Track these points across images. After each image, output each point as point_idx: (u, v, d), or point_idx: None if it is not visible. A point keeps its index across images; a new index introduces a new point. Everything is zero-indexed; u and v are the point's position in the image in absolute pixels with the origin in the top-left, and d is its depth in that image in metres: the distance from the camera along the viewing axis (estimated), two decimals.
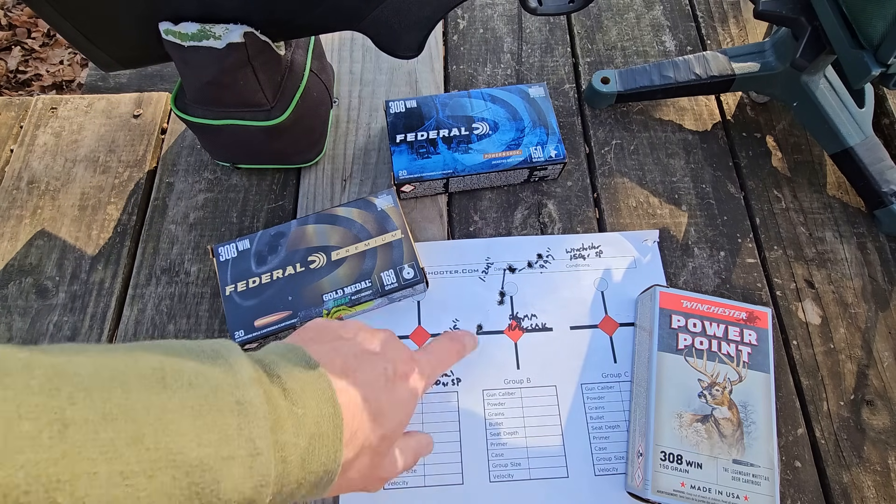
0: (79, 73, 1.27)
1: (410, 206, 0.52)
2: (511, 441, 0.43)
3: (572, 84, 0.60)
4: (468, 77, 0.61)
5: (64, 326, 0.47)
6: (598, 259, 0.50)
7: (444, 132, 0.51)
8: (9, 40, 1.31)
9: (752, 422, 0.39)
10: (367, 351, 0.31)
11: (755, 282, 0.49)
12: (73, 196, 0.53)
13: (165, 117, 0.58)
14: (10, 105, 0.58)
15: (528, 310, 0.47)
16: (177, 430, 0.20)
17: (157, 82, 0.62)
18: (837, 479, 0.42)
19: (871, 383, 0.46)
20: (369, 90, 0.59)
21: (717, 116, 0.58)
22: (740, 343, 0.41)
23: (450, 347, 0.39)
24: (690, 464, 0.38)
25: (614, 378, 0.45)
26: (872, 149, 0.50)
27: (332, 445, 0.25)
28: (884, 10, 0.39)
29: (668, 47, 0.63)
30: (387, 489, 0.41)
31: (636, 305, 0.47)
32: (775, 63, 0.52)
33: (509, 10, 0.65)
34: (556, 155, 0.50)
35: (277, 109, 0.45)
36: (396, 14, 0.39)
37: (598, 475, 0.42)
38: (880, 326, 0.48)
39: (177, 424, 0.20)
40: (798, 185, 0.54)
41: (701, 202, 0.53)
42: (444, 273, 0.49)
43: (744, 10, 0.65)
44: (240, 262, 0.45)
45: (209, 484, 0.20)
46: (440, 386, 0.45)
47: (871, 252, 0.51)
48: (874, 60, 0.41)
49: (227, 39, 0.38)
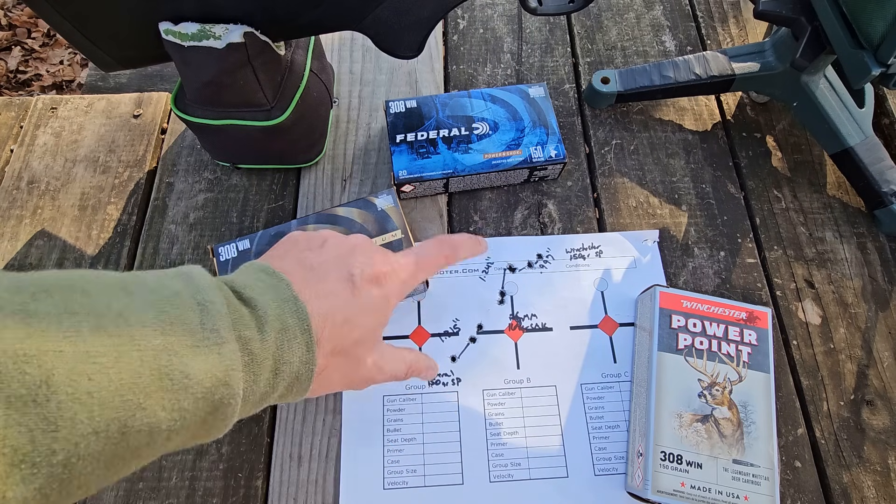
0: (79, 73, 1.27)
1: (410, 206, 0.52)
2: (511, 441, 0.43)
3: (572, 84, 0.60)
4: (468, 77, 0.61)
5: None
6: (598, 259, 0.50)
7: (444, 132, 0.51)
8: (9, 40, 1.31)
9: (752, 422, 0.39)
10: (334, 258, 0.30)
11: (755, 282, 0.49)
12: (73, 196, 0.53)
13: (165, 117, 0.58)
14: (10, 105, 0.58)
15: (528, 310, 0.47)
16: (139, 322, 0.20)
17: (157, 82, 0.62)
18: (837, 479, 0.42)
19: (871, 383, 0.46)
20: (369, 90, 0.59)
21: (717, 116, 0.58)
22: (740, 343, 0.41)
23: (437, 251, 0.35)
24: (690, 464, 0.38)
25: (614, 378, 0.45)
26: (872, 149, 0.50)
27: (302, 337, 0.26)
28: (884, 10, 0.39)
29: (668, 47, 0.63)
30: (387, 489, 0.41)
31: (636, 305, 0.47)
32: (775, 63, 0.52)
33: (509, 10, 0.65)
34: (556, 155, 0.50)
35: (277, 109, 0.45)
36: (396, 14, 0.39)
37: (597, 475, 0.42)
38: (880, 326, 0.48)
39: (139, 318, 0.20)
40: (798, 185, 0.54)
41: (701, 202, 0.53)
42: (444, 273, 0.49)
43: (744, 10, 0.65)
44: (240, 262, 0.45)
45: (177, 366, 0.20)
46: (440, 386, 0.45)
47: (871, 252, 0.51)
48: (874, 60, 0.41)
49: (227, 39, 0.38)
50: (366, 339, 0.30)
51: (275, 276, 0.27)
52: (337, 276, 0.29)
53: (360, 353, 0.30)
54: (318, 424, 0.44)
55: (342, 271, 0.30)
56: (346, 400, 0.44)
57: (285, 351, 0.25)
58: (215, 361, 0.22)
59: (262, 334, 0.24)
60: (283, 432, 0.43)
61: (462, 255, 0.36)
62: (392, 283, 0.31)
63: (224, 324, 0.23)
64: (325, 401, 0.44)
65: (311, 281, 0.28)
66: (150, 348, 0.20)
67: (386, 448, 0.42)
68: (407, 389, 0.44)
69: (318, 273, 0.29)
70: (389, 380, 0.34)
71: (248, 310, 0.25)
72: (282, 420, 0.44)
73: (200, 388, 0.21)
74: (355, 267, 0.30)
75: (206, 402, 0.22)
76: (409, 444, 0.43)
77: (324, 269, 0.30)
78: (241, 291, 0.26)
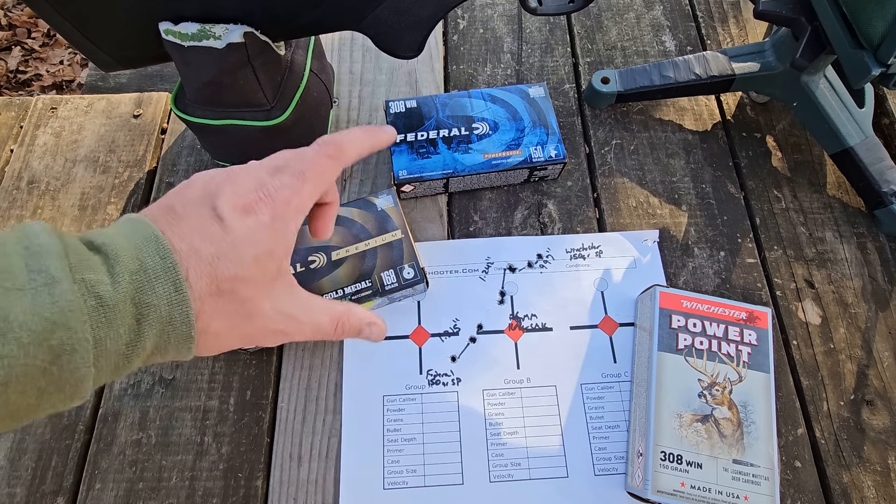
0: (79, 73, 1.27)
1: (410, 206, 0.52)
2: (511, 441, 0.43)
3: (572, 84, 0.60)
4: (468, 77, 0.61)
5: None
6: (598, 259, 0.50)
7: (444, 132, 0.51)
8: (9, 40, 1.31)
9: (752, 422, 0.39)
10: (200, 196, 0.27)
11: (755, 282, 0.49)
12: (73, 196, 0.53)
13: (165, 117, 0.58)
14: (10, 105, 0.58)
15: (528, 309, 0.47)
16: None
17: (157, 82, 0.62)
18: (837, 479, 0.42)
19: (871, 383, 0.46)
20: (369, 90, 0.59)
21: (717, 116, 0.58)
22: (740, 343, 0.41)
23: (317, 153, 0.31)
24: (690, 464, 0.38)
25: (614, 378, 0.45)
26: (872, 149, 0.50)
27: (165, 276, 0.23)
28: (884, 10, 0.39)
29: (668, 47, 0.63)
30: (387, 489, 0.41)
31: (636, 305, 0.47)
32: (775, 63, 0.52)
33: (509, 10, 0.65)
34: (556, 155, 0.50)
35: (277, 109, 0.45)
36: (396, 14, 0.39)
37: (597, 475, 0.42)
38: (880, 326, 0.48)
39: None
40: (798, 185, 0.54)
41: (701, 202, 0.53)
42: (444, 273, 0.49)
43: (744, 10, 0.65)
44: None
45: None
46: (440, 386, 0.45)
47: (871, 252, 0.51)
48: (874, 60, 0.41)
49: (227, 39, 0.38)
50: (249, 276, 0.26)
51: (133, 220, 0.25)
52: (199, 212, 0.26)
53: (247, 294, 0.26)
54: (318, 424, 0.44)
55: (205, 206, 0.26)
56: (346, 400, 0.44)
57: (146, 293, 0.22)
58: (45, 303, 0.19)
59: (112, 277, 0.22)
60: (283, 432, 0.43)
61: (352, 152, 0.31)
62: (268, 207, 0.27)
63: (57, 265, 0.20)
64: (326, 401, 0.44)
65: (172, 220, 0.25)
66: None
67: (386, 448, 0.42)
68: (407, 389, 0.45)
69: (179, 213, 0.26)
70: (313, 335, 0.30)
71: (97, 255, 0.22)
72: (282, 420, 0.44)
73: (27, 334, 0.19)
74: (220, 199, 0.26)
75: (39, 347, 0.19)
76: (409, 444, 0.43)
77: (187, 207, 0.26)
78: (92, 240, 0.23)
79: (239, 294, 0.26)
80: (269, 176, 0.29)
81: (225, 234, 0.25)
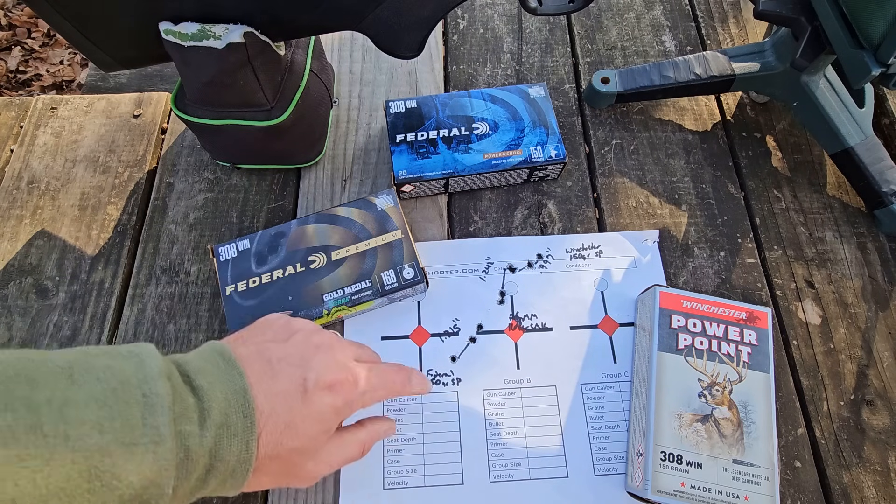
0: (79, 73, 1.27)
1: (410, 206, 0.52)
2: (511, 441, 0.43)
3: (572, 84, 0.60)
4: (468, 77, 0.61)
5: (64, 326, 0.47)
6: (598, 259, 0.50)
7: (444, 132, 0.51)
8: (9, 40, 1.31)
9: (752, 422, 0.39)
10: (295, 356, 0.30)
11: (755, 282, 0.49)
12: (73, 196, 0.53)
13: (165, 117, 0.58)
14: (10, 105, 0.58)
15: (528, 309, 0.47)
16: (78, 419, 0.20)
17: (157, 82, 0.62)
18: (837, 479, 0.42)
19: (871, 383, 0.46)
20: (369, 90, 0.59)
21: (717, 116, 0.58)
22: (740, 343, 0.41)
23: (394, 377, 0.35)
24: (690, 464, 0.38)
25: (614, 378, 0.45)
26: (872, 149, 0.50)
27: (242, 435, 0.26)
28: (884, 10, 0.39)
29: (668, 47, 0.63)
30: (387, 489, 0.41)
31: (636, 305, 0.47)
32: (775, 63, 0.52)
33: (509, 10, 0.65)
34: (556, 155, 0.50)
35: (277, 109, 0.45)
36: (396, 14, 0.39)
37: (597, 475, 0.42)
38: (880, 326, 0.48)
39: (78, 414, 0.21)
40: (798, 185, 0.54)
41: (701, 202, 0.53)
42: (444, 273, 0.49)
43: (744, 10, 0.65)
44: (240, 262, 0.45)
45: (109, 468, 0.21)
46: (440, 386, 0.45)
47: (871, 252, 0.51)
48: (874, 60, 0.41)
49: (227, 39, 0.38)
50: (306, 448, 0.29)
51: (230, 363, 0.27)
52: (291, 376, 0.29)
53: (297, 460, 0.30)
54: None
55: (298, 372, 0.29)
56: None
57: (223, 448, 0.25)
58: (150, 462, 0.22)
59: (202, 429, 0.24)
60: None
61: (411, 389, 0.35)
62: (346, 393, 0.30)
63: (165, 420, 0.23)
64: None
65: (265, 376, 0.28)
66: (84, 448, 0.20)
67: (386, 448, 0.42)
68: None
69: (274, 369, 0.29)
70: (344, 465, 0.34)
71: (194, 399, 0.25)
72: None
73: (129, 490, 0.21)
74: (311, 370, 0.29)
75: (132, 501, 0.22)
76: (409, 444, 0.43)
77: (281, 365, 0.29)
78: (193, 378, 0.26)
79: (291, 459, 0.29)
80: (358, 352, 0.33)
81: (302, 407, 0.29)
